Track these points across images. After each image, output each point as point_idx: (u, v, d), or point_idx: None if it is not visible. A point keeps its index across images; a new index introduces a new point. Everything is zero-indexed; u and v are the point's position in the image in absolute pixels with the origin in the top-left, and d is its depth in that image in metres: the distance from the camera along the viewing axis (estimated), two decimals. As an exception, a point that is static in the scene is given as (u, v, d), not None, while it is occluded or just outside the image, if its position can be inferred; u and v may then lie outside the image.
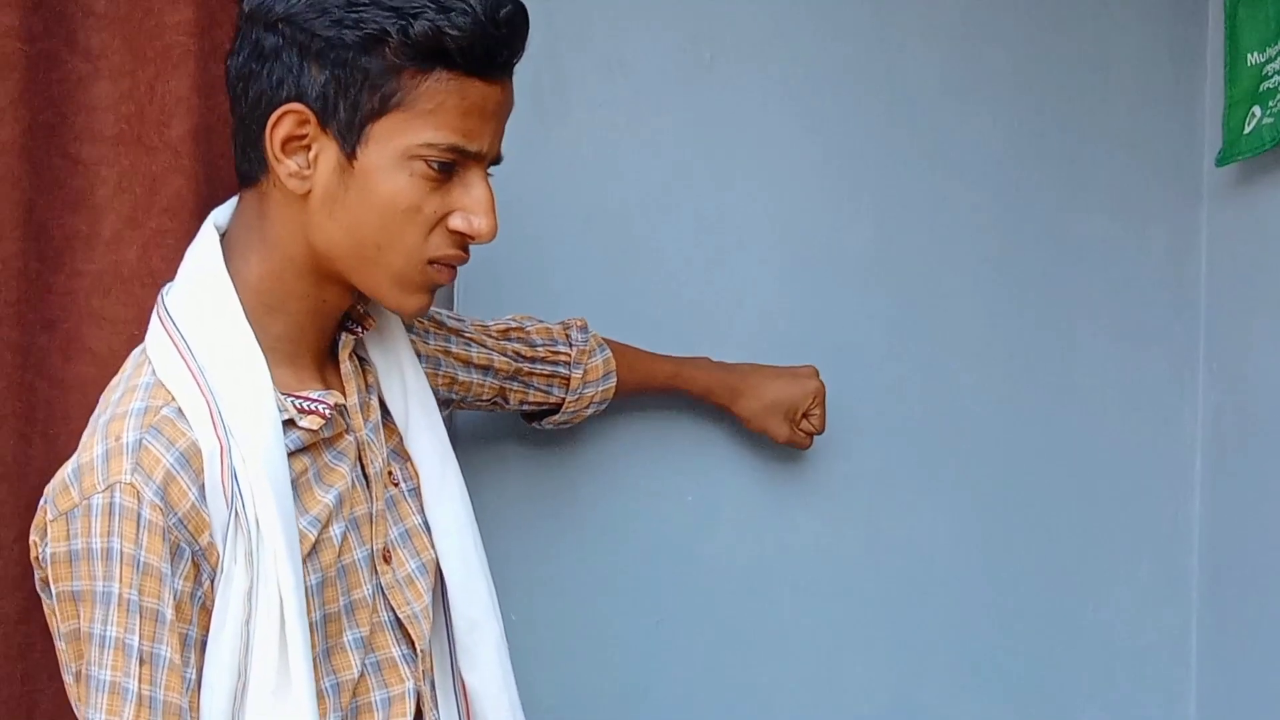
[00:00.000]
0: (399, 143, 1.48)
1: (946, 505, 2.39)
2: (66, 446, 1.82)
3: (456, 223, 1.51)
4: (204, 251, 1.56)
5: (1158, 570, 2.47)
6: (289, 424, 1.53)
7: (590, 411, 2.07)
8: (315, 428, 1.54)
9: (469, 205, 1.51)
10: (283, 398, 1.53)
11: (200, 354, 1.49)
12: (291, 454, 1.52)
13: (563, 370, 2.01)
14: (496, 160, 1.56)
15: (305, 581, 1.49)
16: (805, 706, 2.35)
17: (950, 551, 2.40)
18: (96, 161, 1.86)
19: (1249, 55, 2.28)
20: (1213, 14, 2.43)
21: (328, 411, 1.55)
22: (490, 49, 1.46)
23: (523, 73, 1.60)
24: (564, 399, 2.03)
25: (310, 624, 1.49)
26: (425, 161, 1.48)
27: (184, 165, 1.86)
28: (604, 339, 2.07)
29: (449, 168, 1.49)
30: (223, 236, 1.57)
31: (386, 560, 1.62)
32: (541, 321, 2.04)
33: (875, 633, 2.38)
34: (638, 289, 2.27)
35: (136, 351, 1.58)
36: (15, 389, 1.84)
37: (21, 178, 1.82)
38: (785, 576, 2.34)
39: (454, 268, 1.56)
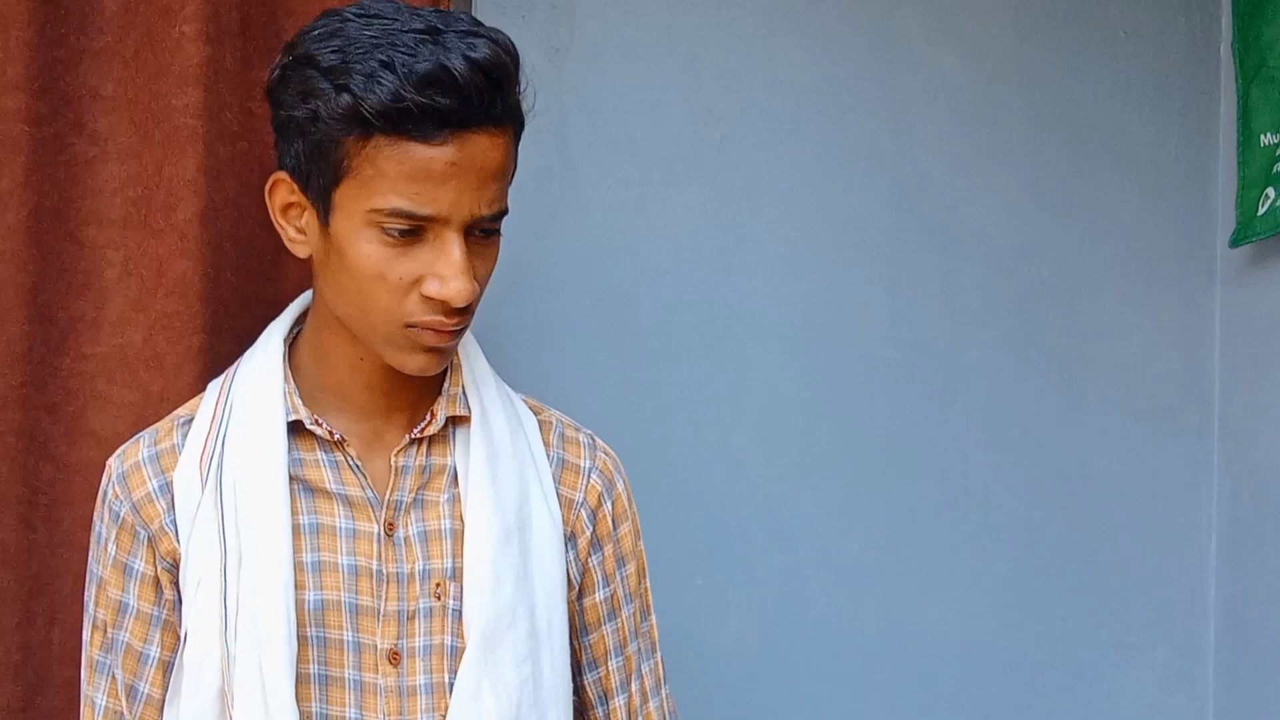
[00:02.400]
0: (356, 209, 1.48)
1: (960, 588, 2.39)
2: (70, 531, 1.84)
3: (429, 288, 1.48)
4: (295, 302, 1.70)
5: (1173, 655, 2.47)
6: (299, 428, 1.59)
7: None
8: (321, 435, 1.59)
9: (440, 269, 1.48)
10: (300, 404, 1.59)
11: (239, 371, 1.64)
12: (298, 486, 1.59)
13: None
14: (489, 218, 1.51)
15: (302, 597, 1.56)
16: (815, 794, 2.35)
17: (964, 634, 2.39)
18: (103, 244, 1.85)
19: (1262, 136, 2.29)
20: (1225, 95, 2.44)
21: (336, 435, 1.59)
22: (421, 113, 1.43)
23: (531, 152, 1.59)
24: None
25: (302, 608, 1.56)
26: (380, 228, 1.47)
27: (190, 248, 1.85)
28: None
29: (412, 232, 1.48)
30: None
31: (394, 662, 1.59)
32: None
33: (888, 717, 2.37)
34: (646, 369, 2.27)
35: None
36: (19, 473, 1.83)
37: (27, 261, 1.82)
38: (797, 662, 2.33)
39: (445, 332, 1.52)
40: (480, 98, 1.45)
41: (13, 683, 1.83)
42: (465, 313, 1.52)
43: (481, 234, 1.51)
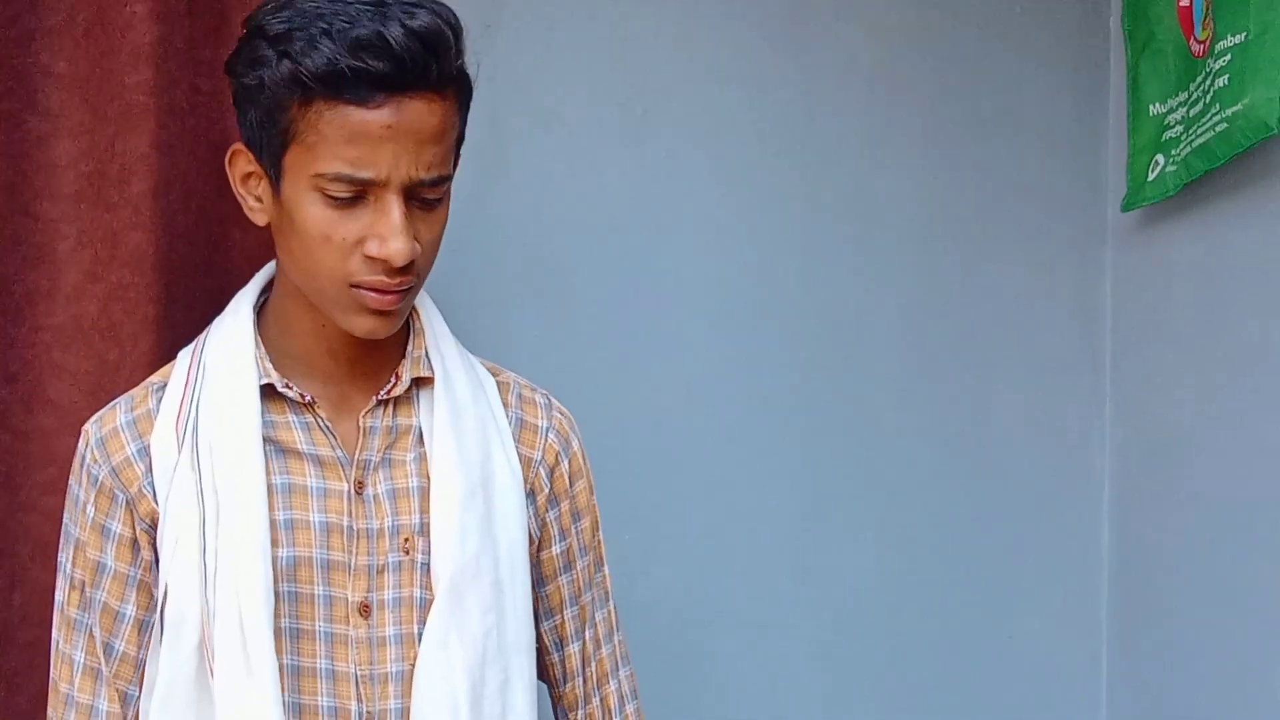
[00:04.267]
0: (302, 173, 1.53)
1: (872, 537, 2.47)
2: (29, 497, 1.87)
3: (370, 248, 1.53)
4: (261, 272, 1.74)
5: (1069, 597, 2.56)
6: (270, 392, 1.64)
7: None
8: (293, 398, 1.64)
9: (380, 230, 1.52)
10: (271, 368, 1.64)
11: (210, 338, 1.68)
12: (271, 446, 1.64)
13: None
14: (428, 182, 1.54)
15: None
16: (740, 735, 2.42)
17: (876, 581, 2.47)
18: (57, 218, 1.88)
19: (1151, 106, 2.37)
20: (1115, 67, 2.52)
21: (307, 397, 1.64)
22: (355, 76, 1.48)
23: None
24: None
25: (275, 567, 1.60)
26: (322, 192, 1.53)
27: (144, 221, 1.89)
28: None
29: (354, 197, 1.53)
30: None
31: (364, 614, 1.64)
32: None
33: (803, 663, 2.45)
34: (574, 337, 2.33)
35: None
36: (-23, 441, 1.86)
37: (-17, 234, 1.85)
38: (720, 610, 2.40)
39: (388, 293, 1.57)
40: (415, 62, 1.49)
41: (-25, 644, 1.86)
42: (407, 273, 1.56)
43: (424, 199, 1.56)
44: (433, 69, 1.52)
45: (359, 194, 1.52)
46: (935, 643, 2.50)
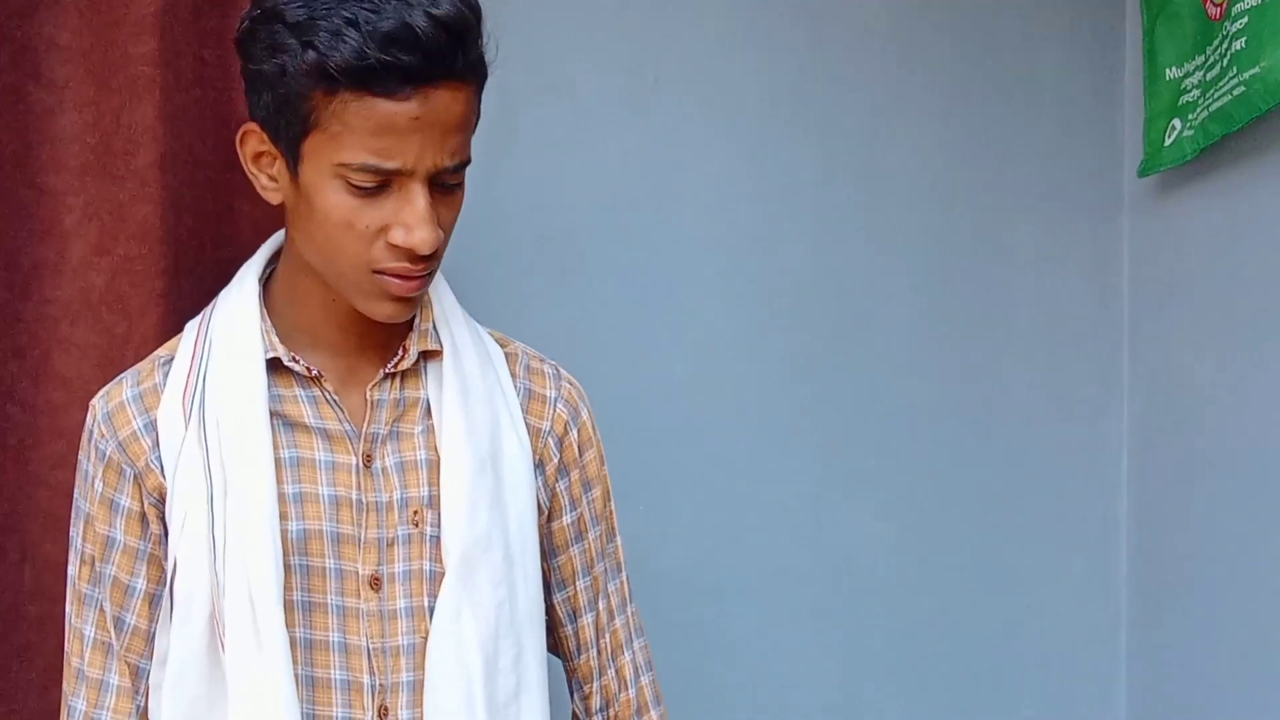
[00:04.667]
0: (324, 161, 1.51)
1: (887, 508, 2.46)
2: (38, 471, 1.87)
3: (395, 236, 1.52)
4: (267, 243, 1.73)
5: (1088, 567, 2.55)
6: (277, 365, 1.63)
7: None
8: (299, 371, 1.63)
9: (405, 218, 1.51)
10: (278, 342, 1.63)
11: (216, 311, 1.67)
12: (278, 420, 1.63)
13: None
14: (451, 168, 1.54)
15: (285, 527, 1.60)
16: (753, 707, 2.42)
17: (891, 554, 2.46)
18: (63, 191, 1.87)
19: (1167, 70, 2.36)
20: (1130, 31, 2.50)
21: (314, 371, 1.63)
22: (385, 70, 1.46)
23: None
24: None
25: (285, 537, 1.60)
26: (345, 180, 1.51)
27: (151, 193, 1.87)
28: None
29: (378, 184, 1.51)
30: None
31: (375, 587, 1.64)
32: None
33: (821, 636, 2.44)
34: (587, 306, 2.32)
35: None
36: (-15, 415, 1.85)
37: (-11, 208, 1.84)
38: (733, 584, 2.39)
39: (411, 279, 1.56)
40: (442, 53, 1.47)
41: (-13, 614, 1.85)
42: (431, 259, 1.56)
43: (446, 184, 1.55)
44: (459, 59, 1.50)
45: (383, 183, 1.51)
46: (952, 614, 2.49)
